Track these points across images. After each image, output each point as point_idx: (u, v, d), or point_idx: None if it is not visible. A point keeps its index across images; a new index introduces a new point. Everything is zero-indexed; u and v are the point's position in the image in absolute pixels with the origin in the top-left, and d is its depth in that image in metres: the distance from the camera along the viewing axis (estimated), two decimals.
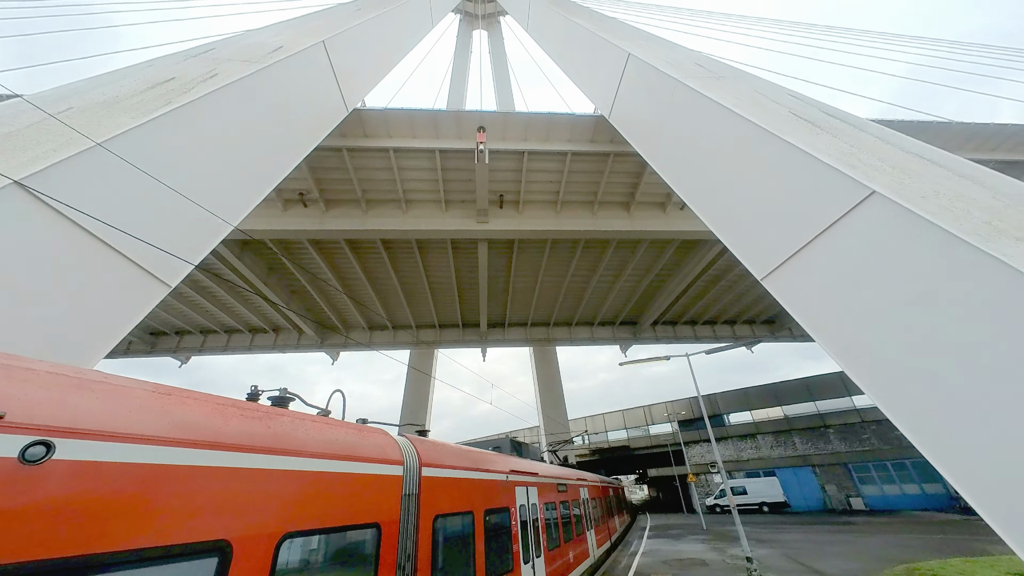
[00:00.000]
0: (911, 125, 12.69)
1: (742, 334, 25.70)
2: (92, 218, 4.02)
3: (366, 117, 11.73)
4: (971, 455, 3.10)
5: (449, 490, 3.95)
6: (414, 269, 17.93)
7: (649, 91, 8.69)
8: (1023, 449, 2.82)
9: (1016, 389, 2.85)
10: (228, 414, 2.14)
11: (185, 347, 22.11)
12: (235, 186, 6.30)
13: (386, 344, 23.69)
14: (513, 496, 5.72)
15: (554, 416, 27.84)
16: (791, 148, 5.12)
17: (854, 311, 4.10)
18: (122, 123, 4.67)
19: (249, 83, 6.55)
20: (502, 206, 14.18)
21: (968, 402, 3.12)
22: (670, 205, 14.31)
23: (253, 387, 3.08)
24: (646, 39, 11.43)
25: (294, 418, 2.61)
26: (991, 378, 2.99)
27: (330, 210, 13.55)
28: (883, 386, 3.75)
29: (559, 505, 8.30)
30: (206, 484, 1.81)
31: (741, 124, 6.02)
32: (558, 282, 19.87)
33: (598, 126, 12.29)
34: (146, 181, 4.63)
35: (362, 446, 2.97)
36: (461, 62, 31.88)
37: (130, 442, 1.60)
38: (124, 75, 6.29)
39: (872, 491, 24.51)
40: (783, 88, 7.98)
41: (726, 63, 9.78)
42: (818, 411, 28.71)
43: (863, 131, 5.76)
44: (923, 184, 4.17)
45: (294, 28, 9.94)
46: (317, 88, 8.78)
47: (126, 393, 1.77)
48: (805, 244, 4.74)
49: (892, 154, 4.95)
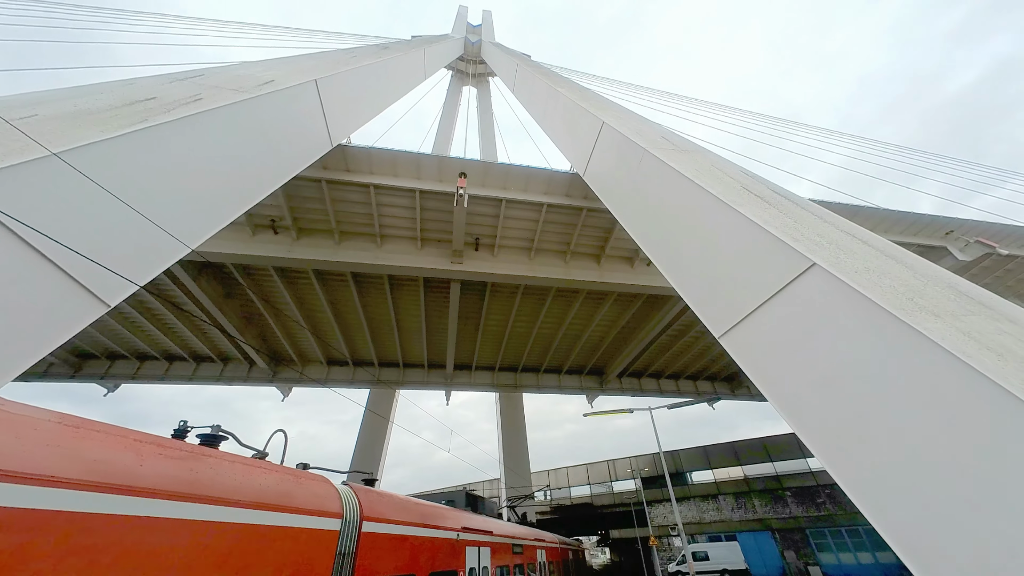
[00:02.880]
0: (845, 208, 14.30)
1: (704, 390, 26.25)
2: (26, 226, 3.75)
3: (350, 153, 11.95)
4: (911, 524, 3.19)
5: (391, 549, 3.60)
6: (383, 304, 17.53)
7: (619, 156, 9.43)
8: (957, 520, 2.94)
9: (942, 457, 3.02)
10: (145, 452, 1.91)
11: (116, 373, 20.02)
12: (202, 209, 6.12)
13: (343, 381, 22.42)
14: (463, 558, 5.28)
15: (516, 468, 26.61)
16: (743, 218, 5.60)
17: (799, 374, 4.32)
18: (87, 135, 4.52)
19: (233, 110, 6.60)
20: (477, 248, 14.41)
21: (904, 469, 3.26)
22: (637, 261, 15.03)
23: (182, 422, 2.80)
24: (618, 110, 12.58)
25: (223, 460, 2.37)
26: (921, 446, 3.17)
27: (301, 238, 13.29)
28: (829, 449, 3.88)
29: (513, 569, 7.69)
30: (112, 536, 1.57)
31: (700, 193, 6.57)
32: (529, 327, 19.91)
33: (573, 182, 13.06)
34: (102, 196, 4.42)
35: (298, 495, 2.70)
36: (449, 112, 33.66)
37: (25, 483, 1.39)
38: (104, 89, 6.20)
39: (828, 558, 24.36)
40: (736, 165, 8.88)
41: (687, 138, 10.85)
42: (776, 472, 28.97)
43: (805, 209, 6.42)
44: (856, 260, 4.63)
45: (288, 65, 10.27)
46: (304, 123, 8.94)
47: (28, 424, 1.57)
48: (756, 307, 5.05)
49: (829, 231, 5.51)
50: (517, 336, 20.73)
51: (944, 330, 3.30)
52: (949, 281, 4.50)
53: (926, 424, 3.15)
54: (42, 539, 1.39)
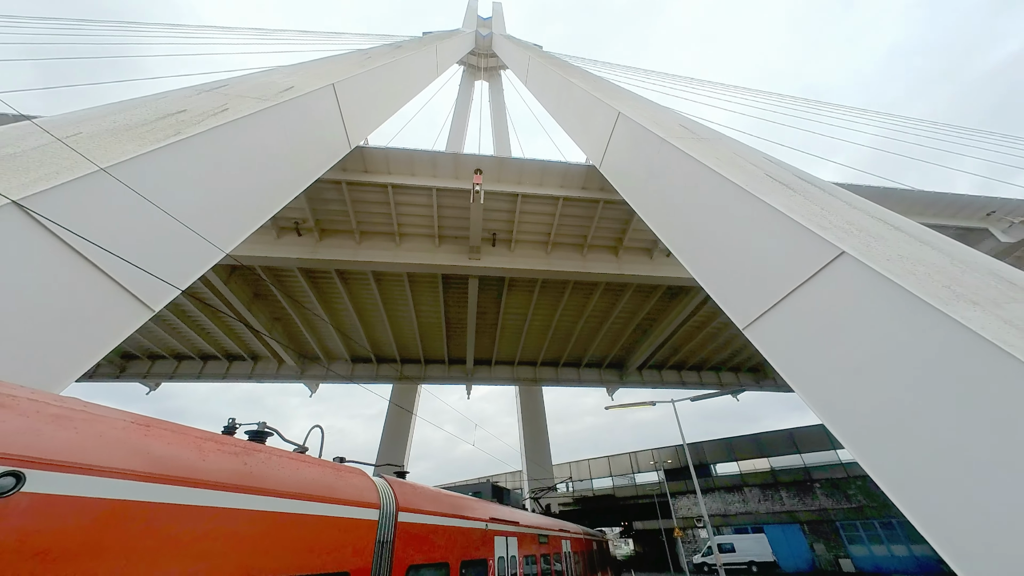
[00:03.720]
0: (875, 191, 13.69)
1: (727, 381, 25.77)
2: (82, 238, 4.02)
3: (368, 154, 12.17)
4: (947, 517, 3.13)
5: (426, 538, 3.76)
6: (403, 302, 17.87)
7: (637, 147, 9.30)
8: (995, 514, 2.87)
9: (981, 449, 2.94)
10: (206, 449, 2.08)
11: (156, 373, 21.13)
12: (233, 215, 6.39)
13: (368, 378, 23.02)
14: (492, 547, 5.43)
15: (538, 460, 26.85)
16: (767, 208, 5.48)
17: (829, 365, 4.24)
18: (128, 150, 4.79)
19: (258, 119, 6.83)
20: (494, 244, 14.49)
21: (941, 462, 3.19)
22: (656, 252, 14.82)
23: (230, 420, 2.99)
24: (634, 99, 12.36)
25: (271, 455, 2.53)
26: (958, 437, 3.09)
27: (324, 240, 13.66)
28: (861, 441, 3.82)
29: (540, 558, 7.85)
30: (178, 524, 1.73)
31: (721, 183, 6.44)
32: (547, 322, 19.94)
33: (589, 175, 12.94)
34: (144, 206, 4.69)
35: (339, 487, 2.86)
36: (462, 108, 33.68)
37: (106, 476, 1.56)
38: (137, 104, 6.51)
39: (860, 551, 23.72)
40: (759, 151, 8.63)
41: (707, 125, 10.59)
42: (804, 464, 28.27)
43: (832, 195, 6.22)
44: (888, 247, 4.48)
45: (305, 70, 10.51)
46: (323, 126, 9.16)
47: (105, 423, 1.74)
48: (782, 298, 4.96)
49: (859, 218, 5.33)
50: (536, 330, 20.80)
51: (984, 319, 3.19)
52: (990, 267, 4.32)
53: (965, 417, 3.07)
54: (121, 526, 1.55)
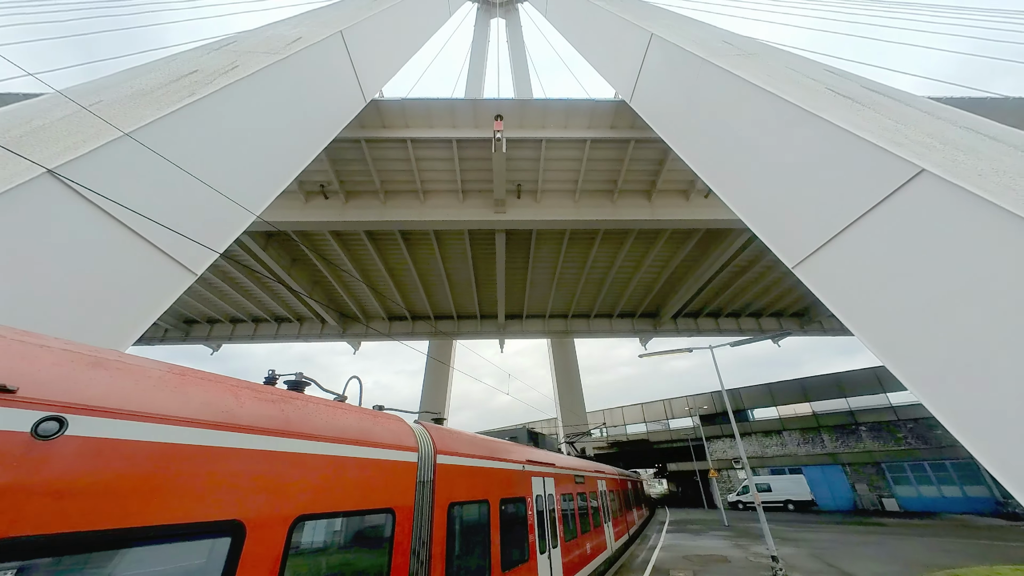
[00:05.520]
0: (962, 101, 11.74)
1: (768, 327, 24.81)
2: (120, 205, 4.13)
3: (384, 108, 11.74)
4: None
5: (464, 478, 3.93)
6: (432, 260, 18.03)
7: (673, 72, 8.32)
8: None
9: None
10: (242, 396, 2.14)
11: (216, 335, 23.07)
12: (257, 175, 6.40)
13: (405, 334, 24.05)
14: (530, 486, 5.69)
15: (572, 408, 27.75)
16: (828, 126, 4.78)
17: (898, 301, 3.80)
18: (147, 115, 4.77)
19: (269, 74, 6.61)
20: (519, 196, 14.01)
21: None
22: (694, 192, 13.80)
23: (270, 371, 3.11)
24: (670, 18, 10.94)
25: (308, 402, 2.61)
26: None
27: (350, 201, 13.72)
28: (930, 382, 3.47)
29: (576, 496, 8.24)
30: (219, 465, 1.81)
31: (773, 103, 5.67)
32: (577, 273, 19.61)
33: (619, 111, 11.91)
34: (170, 170, 4.73)
35: (377, 432, 2.96)
36: (479, 51, 31.54)
37: (144, 420, 1.60)
38: (151, 68, 6.44)
39: (907, 491, 23.42)
40: (819, 64, 7.48)
41: (757, 41, 9.25)
42: (850, 408, 27.55)
43: (909, 106, 5.32)
44: (980, 161, 3.81)
45: (312, 19, 9.98)
46: (336, 78, 8.80)
47: (141, 372, 1.78)
48: (842, 229, 4.43)
49: (943, 129, 4.55)
50: (566, 282, 20.57)
51: None
52: None
53: None
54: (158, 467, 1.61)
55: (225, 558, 1.75)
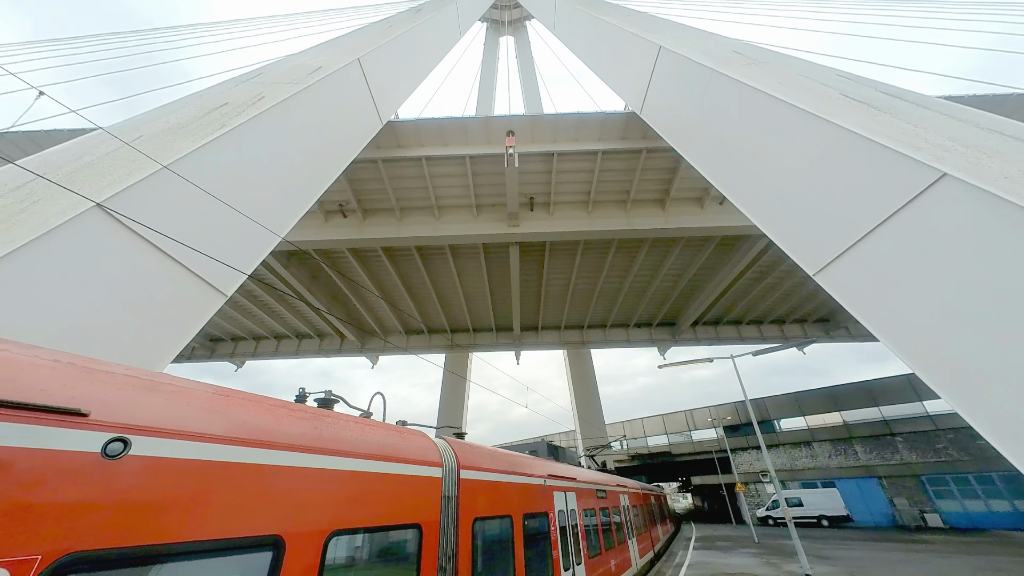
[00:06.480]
0: (985, 99, 11.43)
1: (792, 334, 24.09)
2: (159, 233, 4.40)
3: (399, 128, 12.14)
4: None
5: (487, 493, 3.96)
6: (447, 274, 18.28)
7: (682, 83, 8.39)
8: None
9: None
10: (279, 415, 2.25)
11: (240, 352, 23.74)
12: (282, 199, 6.70)
13: (422, 348, 24.27)
14: (551, 501, 5.65)
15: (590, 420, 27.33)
16: (844, 132, 4.76)
17: (925, 307, 3.72)
18: (183, 147, 5.09)
19: (292, 103, 6.96)
20: (532, 208, 14.17)
21: None
22: (708, 200, 13.71)
23: (301, 389, 3.24)
24: (678, 30, 11.06)
25: (338, 420, 2.71)
26: None
27: (367, 219, 14.11)
28: (963, 390, 3.36)
29: (599, 512, 8.10)
30: (261, 481, 1.91)
31: (785, 111, 5.67)
32: (591, 284, 19.56)
33: (629, 122, 12.02)
34: (203, 197, 5.01)
35: (403, 447, 3.03)
36: (489, 68, 32.32)
37: (195, 440, 1.72)
38: (186, 103, 6.87)
39: (951, 506, 22.05)
40: (832, 69, 7.44)
41: (767, 48, 9.27)
42: (883, 417, 26.28)
43: (928, 109, 5.25)
44: (1005, 163, 3.73)
45: (332, 48, 10.47)
46: (354, 104, 9.18)
47: (191, 394, 1.91)
48: (864, 235, 4.37)
49: (965, 132, 4.47)
50: (581, 293, 20.51)
51: None
52: None
53: None
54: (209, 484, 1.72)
55: (267, 573, 1.84)
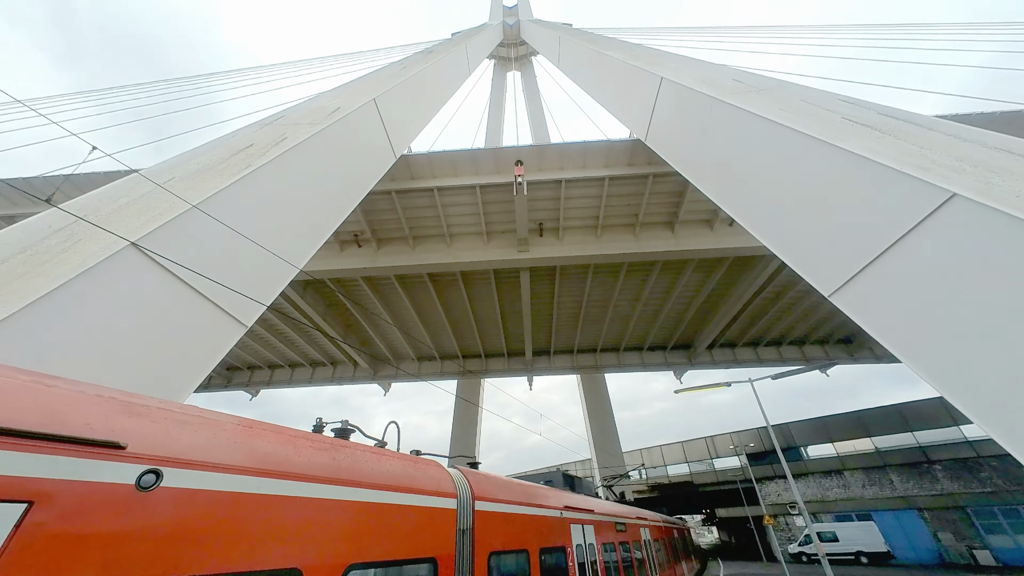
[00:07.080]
0: (993, 117, 11.44)
1: (813, 355, 23.34)
2: (185, 268, 4.63)
3: (412, 161, 12.64)
4: None
5: (503, 526, 3.87)
6: (459, 300, 18.44)
7: (685, 111, 8.64)
8: None
9: None
10: (299, 445, 2.30)
11: (256, 381, 23.99)
12: (301, 232, 6.99)
13: (434, 375, 24.18)
14: (569, 534, 5.46)
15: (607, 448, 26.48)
16: (849, 156, 4.82)
17: (946, 327, 3.64)
18: (212, 187, 5.42)
19: (312, 143, 7.38)
20: (542, 234, 14.38)
21: None
22: (717, 222, 13.75)
23: (318, 419, 3.29)
24: (678, 61, 11.47)
25: (356, 450, 2.74)
26: None
27: (381, 248, 14.49)
28: (994, 414, 3.24)
29: (619, 546, 7.75)
30: (282, 513, 1.94)
31: (789, 136, 5.78)
32: (603, 307, 19.46)
33: (635, 149, 12.31)
34: (227, 233, 5.28)
35: (418, 478, 3.03)
36: (497, 102, 33.67)
37: (221, 471, 1.78)
38: (215, 145, 7.34)
39: (1003, 542, 20.35)
40: (833, 94, 7.60)
41: (767, 75, 9.53)
42: (918, 443, 24.82)
43: (932, 130, 5.30)
44: (1017, 182, 3.72)
45: (349, 90, 11.13)
46: (370, 141, 9.66)
47: (217, 426, 1.99)
48: (876, 256, 4.35)
49: (972, 151, 4.49)
50: (592, 317, 20.39)
51: None
52: None
53: None
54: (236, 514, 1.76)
55: None
